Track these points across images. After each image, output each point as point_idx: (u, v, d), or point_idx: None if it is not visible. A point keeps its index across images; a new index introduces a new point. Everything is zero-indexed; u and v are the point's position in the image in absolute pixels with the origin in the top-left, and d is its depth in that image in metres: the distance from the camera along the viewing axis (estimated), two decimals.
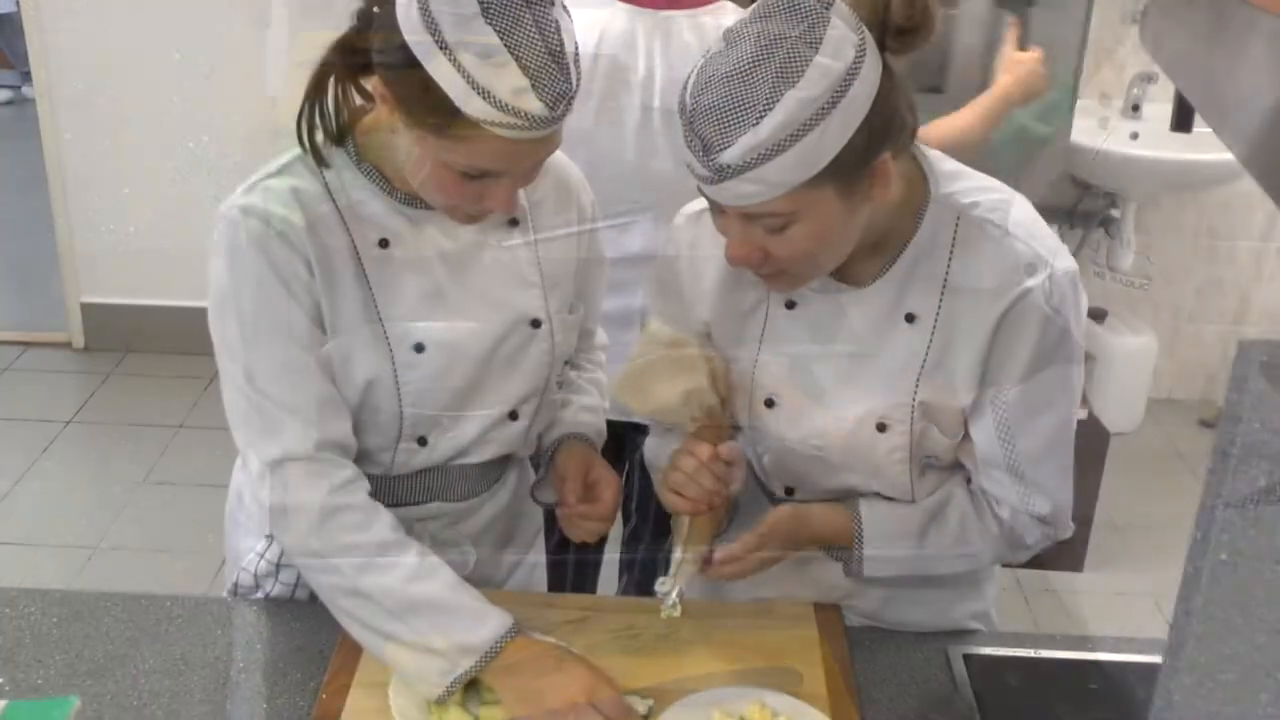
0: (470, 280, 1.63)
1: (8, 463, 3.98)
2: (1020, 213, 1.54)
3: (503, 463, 1.80)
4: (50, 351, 4.72)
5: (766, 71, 1.34)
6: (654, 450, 1.80)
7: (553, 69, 1.40)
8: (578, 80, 1.44)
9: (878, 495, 1.65)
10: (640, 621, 1.72)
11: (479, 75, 1.38)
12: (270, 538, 1.73)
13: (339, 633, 1.65)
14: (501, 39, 1.38)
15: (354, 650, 1.63)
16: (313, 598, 1.63)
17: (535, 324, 1.67)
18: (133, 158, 4.29)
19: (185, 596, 1.78)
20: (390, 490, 1.67)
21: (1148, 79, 4.03)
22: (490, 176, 1.49)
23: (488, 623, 1.51)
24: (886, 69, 1.40)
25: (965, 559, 1.68)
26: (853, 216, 1.45)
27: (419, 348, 1.61)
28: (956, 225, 1.52)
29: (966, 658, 1.69)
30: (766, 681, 1.60)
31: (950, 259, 1.53)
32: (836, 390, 1.61)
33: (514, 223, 1.66)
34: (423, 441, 1.67)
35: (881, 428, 1.59)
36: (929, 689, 0.96)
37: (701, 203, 1.56)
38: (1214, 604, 0.87)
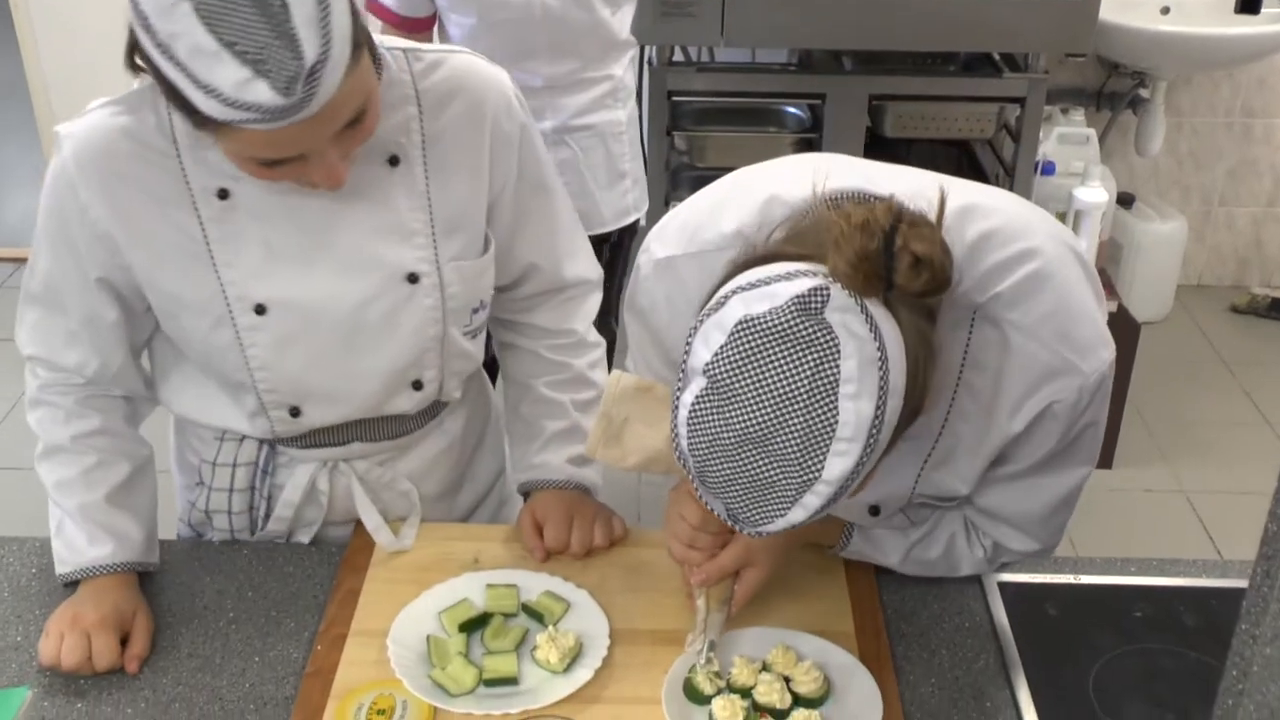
0: (328, 234, 1.48)
1: (6, 390, 3.90)
2: (1052, 296, 1.27)
3: (437, 405, 1.70)
4: None
5: (790, 440, 1.10)
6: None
7: (279, 49, 1.22)
8: (326, 48, 1.23)
9: None
10: (647, 556, 1.64)
11: (196, 70, 1.23)
12: (201, 484, 1.67)
13: (335, 579, 1.59)
14: (208, 26, 1.21)
15: (350, 597, 1.56)
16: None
17: (413, 279, 1.53)
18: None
19: (173, 541, 1.71)
20: (307, 435, 1.61)
21: None
22: (295, 160, 1.35)
23: (87, 552, 1.54)
24: (906, 323, 1.13)
25: (944, 571, 1.57)
26: None
27: (260, 309, 1.49)
28: (972, 323, 1.30)
29: (1002, 586, 1.61)
30: (789, 621, 1.52)
31: (965, 354, 1.31)
32: None
33: (394, 161, 1.51)
34: (295, 412, 1.58)
35: (875, 511, 1.49)
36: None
37: (665, 245, 1.37)
38: None
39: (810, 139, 3.42)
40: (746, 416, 1.10)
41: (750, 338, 1.09)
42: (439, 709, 1.39)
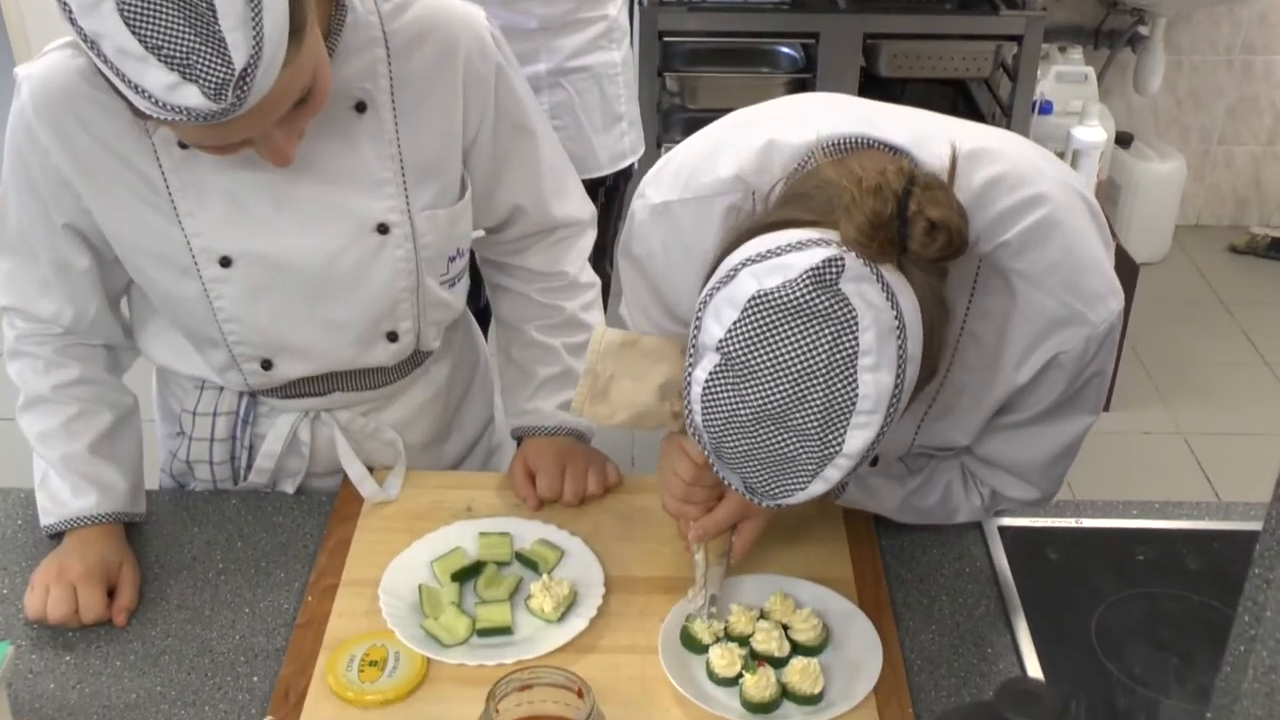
0: (294, 185, 1.44)
1: None
2: (1060, 244, 1.24)
3: (419, 355, 1.67)
4: None
5: (810, 416, 1.08)
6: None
7: (207, 55, 1.16)
8: (258, 50, 1.18)
9: None
10: (642, 503, 1.61)
11: (125, 70, 1.18)
12: (181, 434, 1.64)
13: (325, 529, 1.57)
14: (131, 29, 1.15)
15: (341, 547, 1.54)
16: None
17: (383, 229, 1.49)
18: None
19: (159, 492, 1.68)
20: (286, 385, 1.59)
21: None
22: (240, 142, 1.31)
23: (71, 503, 1.52)
24: (920, 286, 1.10)
25: (941, 518, 1.54)
26: None
27: (225, 261, 1.46)
28: (977, 271, 1.26)
29: (1002, 531, 1.59)
30: (787, 568, 1.50)
31: (970, 303, 1.27)
32: None
33: (360, 108, 1.46)
34: (267, 365, 1.55)
35: (873, 461, 1.46)
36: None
37: (661, 190, 1.34)
38: None
39: (804, 79, 3.37)
40: (764, 393, 1.07)
41: (765, 313, 1.06)
42: (432, 660, 1.37)
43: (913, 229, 1.07)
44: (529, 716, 1.24)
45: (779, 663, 1.36)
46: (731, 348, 1.08)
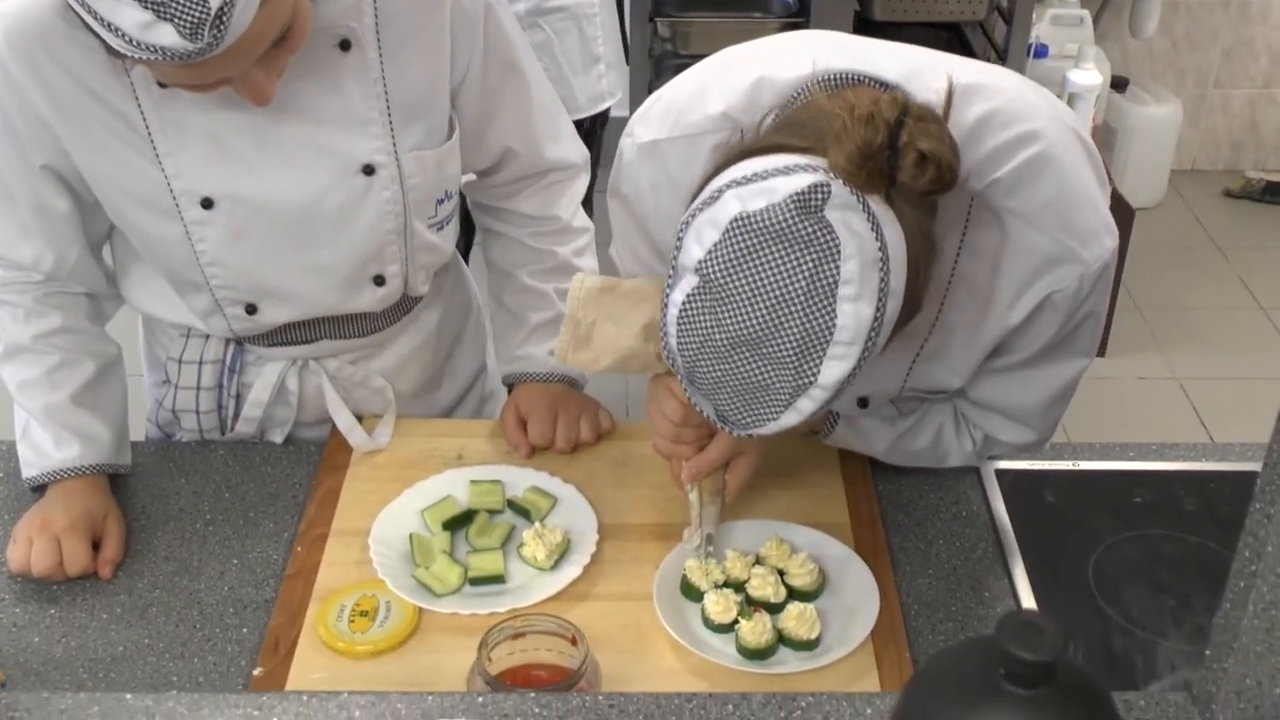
0: (277, 125, 1.41)
1: None
2: (1053, 181, 1.21)
3: (409, 300, 1.65)
4: None
5: (785, 344, 1.05)
6: None
7: None
8: None
9: None
10: (635, 450, 1.60)
11: (98, 7, 1.16)
12: (167, 383, 1.62)
13: (314, 478, 1.55)
14: None
15: (330, 496, 1.52)
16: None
17: (369, 170, 1.46)
18: None
19: (144, 443, 1.66)
20: (272, 332, 1.57)
21: None
22: (218, 82, 1.28)
23: (54, 455, 1.50)
24: (908, 220, 1.08)
25: (932, 461, 1.52)
26: None
27: (207, 203, 1.43)
28: (969, 210, 1.23)
29: (999, 474, 1.57)
30: (783, 513, 1.49)
31: (962, 242, 1.25)
32: None
33: (345, 46, 1.42)
34: (251, 309, 1.53)
35: (863, 403, 1.44)
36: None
37: (649, 128, 1.31)
38: None
39: (797, 24, 3.33)
40: (740, 318, 1.05)
41: (746, 236, 1.04)
42: (423, 609, 1.36)
43: (903, 160, 1.05)
44: (522, 665, 1.23)
45: (775, 608, 1.35)
46: (710, 270, 1.06)
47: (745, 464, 1.43)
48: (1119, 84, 4.07)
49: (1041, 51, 3.73)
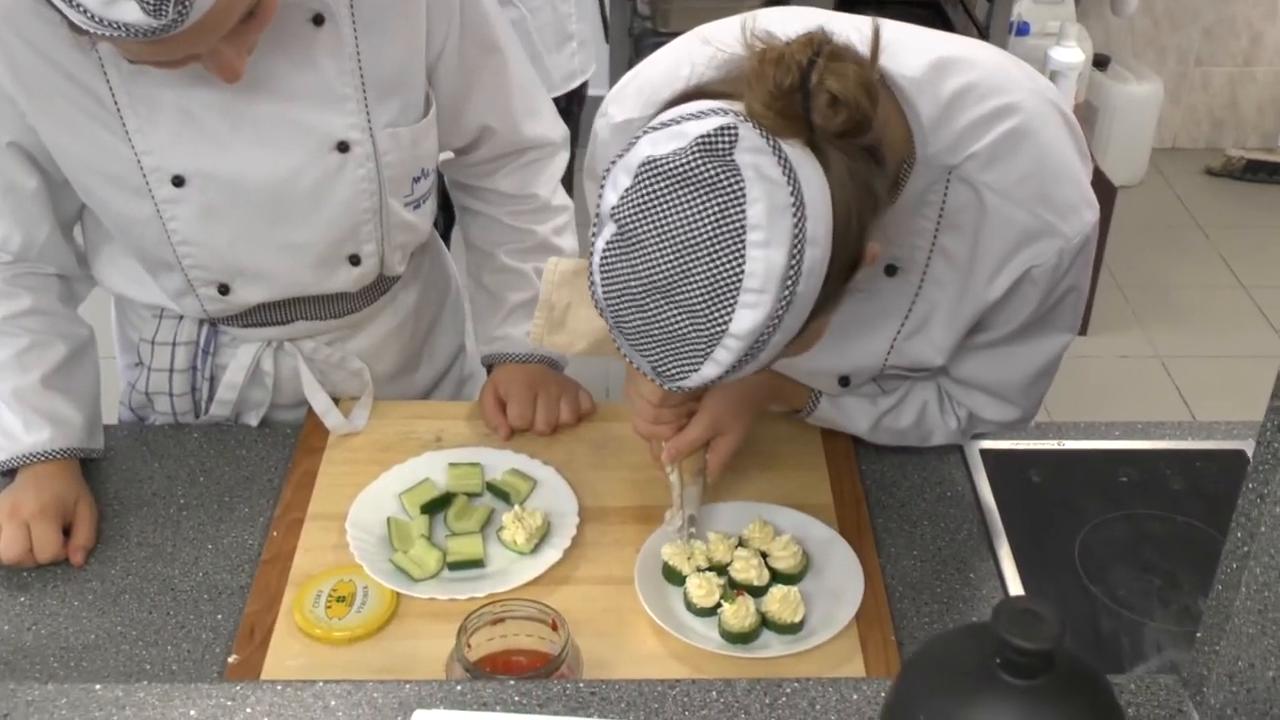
0: (249, 101, 1.38)
1: None
2: (1031, 155, 1.20)
3: (385, 280, 1.62)
4: None
5: (695, 290, 1.02)
6: None
7: None
8: None
9: None
10: (616, 431, 1.58)
11: None
12: (140, 364, 1.60)
13: (290, 462, 1.54)
14: None
15: (306, 480, 1.50)
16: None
17: (343, 147, 1.44)
18: None
19: (116, 426, 1.64)
20: (246, 313, 1.54)
21: None
22: (186, 58, 1.25)
23: (24, 439, 1.46)
24: (837, 168, 1.04)
25: (915, 440, 1.51)
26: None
27: (178, 181, 1.40)
28: (947, 183, 1.22)
29: (984, 454, 1.56)
30: (766, 494, 1.47)
31: (940, 217, 1.24)
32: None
33: (318, 20, 1.39)
34: (224, 289, 1.50)
35: (844, 381, 1.42)
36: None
37: (624, 108, 1.29)
38: None
39: (777, 1, 3.30)
40: (651, 264, 1.03)
41: (653, 180, 1.01)
42: (401, 594, 1.34)
43: (815, 101, 1.01)
44: (502, 650, 1.22)
45: (758, 591, 1.34)
46: (623, 215, 1.03)
47: (726, 443, 1.41)
48: (1100, 62, 4.06)
49: (1023, 29, 3.71)
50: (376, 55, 1.42)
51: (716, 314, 1.02)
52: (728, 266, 1.00)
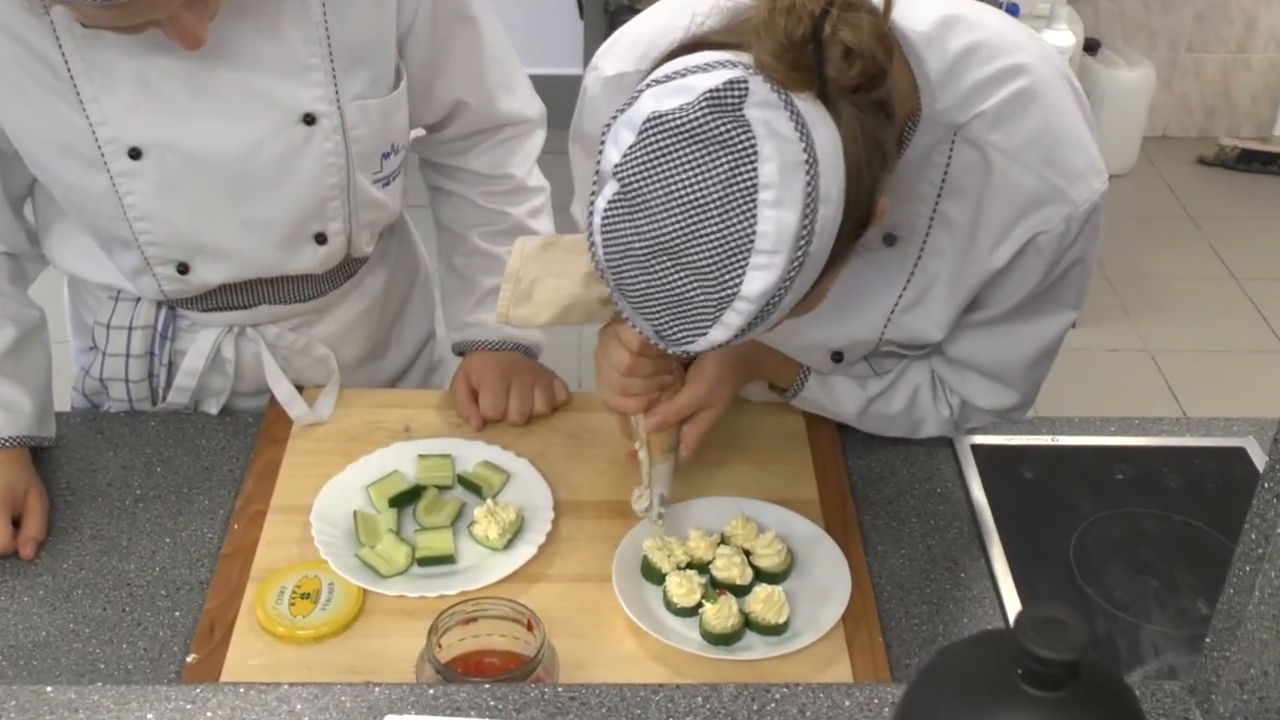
0: (211, 70, 1.36)
1: None
2: (1039, 117, 1.20)
3: (352, 262, 1.60)
4: None
5: (704, 252, 1.00)
6: None
7: None
8: None
9: None
10: (592, 422, 1.57)
11: None
12: (94, 348, 1.58)
13: (252, 451, 1.52)
14: None
15: (269, 470, 1.49)
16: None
17: (309, 120, 1.42)
18: None
19: (69, 413, 1.62)
20: (207, 295, 1.52)
21: None
22: (148, 25, 1.23)
23: None
24: (848, 122, 1.03)
25: (905, 429, 1.50)
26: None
27: (135, 153, 1.38)
28: (952, 144, 1.22)
29: (975, 449, 1.55)
30: (749, 489, 1.46)
31: (943, 182, 1.24)
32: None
33: None
34: (183, 269, 1.48)
35: (837, 357, 1.40)
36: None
37: (614, 62, 1.28)
38: None
39: None
40: (657, 225, 1.01)
41: (659, 137, 1.00)
42: (368, 591, 1.33)
43: (829, 53, 1.00)
44: (474, 651, 1.20)
45: (741, 591, 1.33)
46: (626, 173, 1.02)
47: (709, 416, 1.40)
48: (1091, 46, 4.06)
49: (1013, 10, 3.69)
50: (344, 24, 1.40)
51: (726, 277, 1.01)
52: (738, 227, 0.99)
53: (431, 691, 1.07)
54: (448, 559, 1.37)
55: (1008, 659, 0.78)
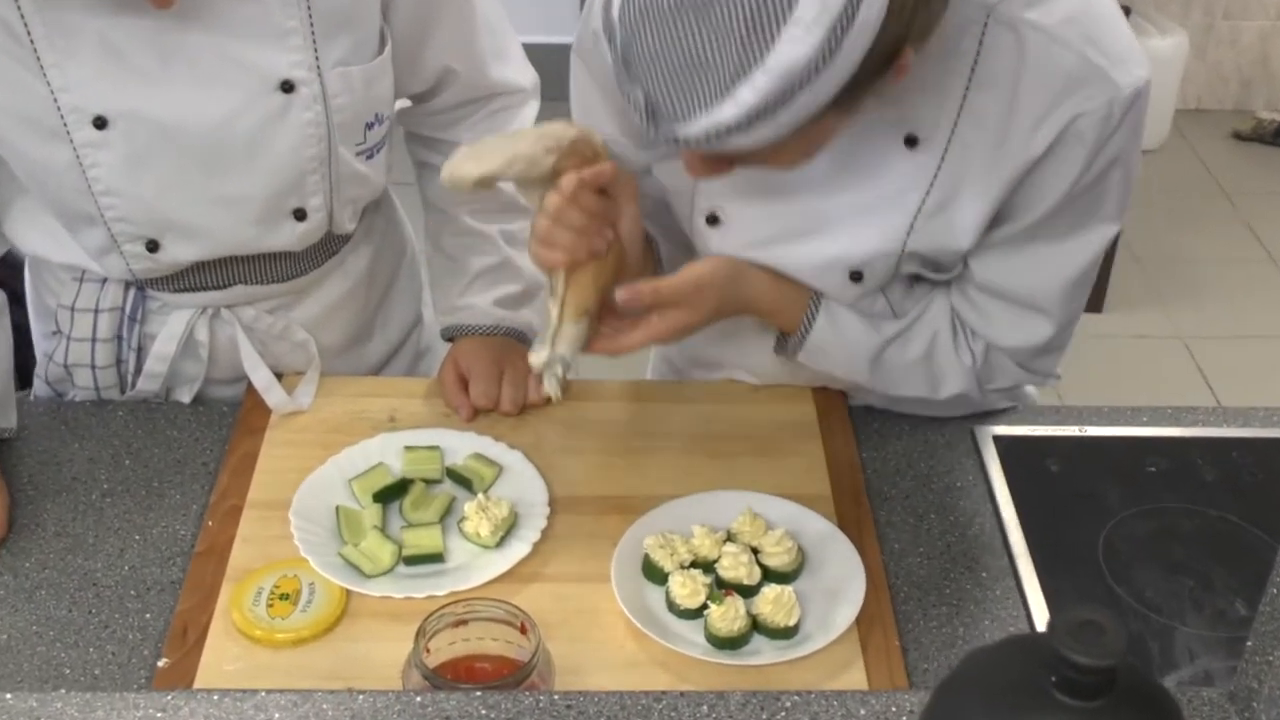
0: (183, 33, 1.35)
1: None
2: (1078, 2, 1.23)
3: (334, 240, 1.60)
4: None
5: (735, 12, 1.01)
6: None
7: None
8: None
9: None
10: (590, 413, 1.59)
11: None
12: (57, 333, 1.58)
13: (227, 443, 1.54)
14: None
15: (246, 463, 1.50)
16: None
17: (287, 87, 1.42)
18: None
19: (33, 401, 1.63)
20: (178, 275, 1.52)
21: None
22: None
23: None
24: None
25: (924, 384, 1.49)
26: (859, 111, 1.17)
27: (100, 123, 1.38)
28: (985, 27, 1.23)
29: (997, 440, 1.56)
30: (757, 483, 1.46)
31: (972, 72, 1.25)
32: (803, 222, 1.37)
33: None
34: (153, 246, 1.48)
35: (856, 276, 1.39)
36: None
37: None
38: None
39: None
40: None
41: None
42: (352, 592, 1.34)
43: None
44: (465, 656, 1.21)
45: (749, 591, 1.33)
46: None
47: (676, 319, 1.37)
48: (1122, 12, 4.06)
49: None
50: None
51: (753, 42, 1.02)
52: None
53: (419, 699, 1.08)
54: (436, 557, 1.37)
55: (1040, 665, 0.78)
